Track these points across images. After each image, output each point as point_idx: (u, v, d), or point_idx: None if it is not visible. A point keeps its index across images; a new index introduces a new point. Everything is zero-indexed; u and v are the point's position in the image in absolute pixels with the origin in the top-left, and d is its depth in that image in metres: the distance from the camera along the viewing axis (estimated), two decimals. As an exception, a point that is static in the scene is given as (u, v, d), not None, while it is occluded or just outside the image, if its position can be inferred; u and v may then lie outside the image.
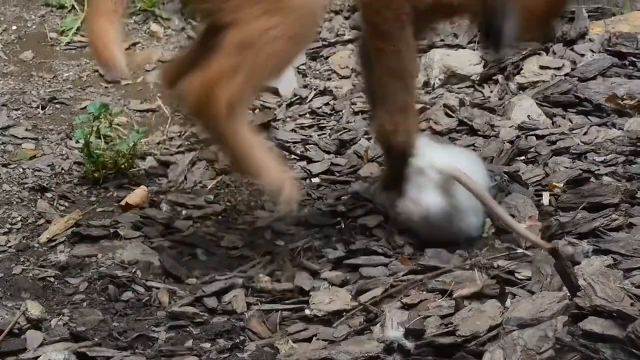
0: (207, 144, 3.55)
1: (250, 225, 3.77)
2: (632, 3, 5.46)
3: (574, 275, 3.00)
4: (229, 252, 3.62)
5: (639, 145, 4.05)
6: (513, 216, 3.56)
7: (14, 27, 5.36)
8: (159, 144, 4.43)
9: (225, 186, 4.06)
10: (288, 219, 3.64)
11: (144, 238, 3.68)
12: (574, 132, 4.24)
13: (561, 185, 3.84)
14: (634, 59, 4.83)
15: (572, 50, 4.98)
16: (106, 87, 4.90)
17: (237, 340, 3.15)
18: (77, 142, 4.16)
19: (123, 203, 3.90)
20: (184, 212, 3.88)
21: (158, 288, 3.43)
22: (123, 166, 4.09)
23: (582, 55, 4.90)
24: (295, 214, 3.46)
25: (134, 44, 5.28)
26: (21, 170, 4.16)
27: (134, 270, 3.49)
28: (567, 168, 3.97)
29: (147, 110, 4.71)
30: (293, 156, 4.30)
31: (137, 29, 5.44)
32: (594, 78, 4.67)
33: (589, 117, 4.37)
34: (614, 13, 5.32)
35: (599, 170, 3.94)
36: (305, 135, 4.46)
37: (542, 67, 4.80)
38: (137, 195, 3.93)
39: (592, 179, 3.86)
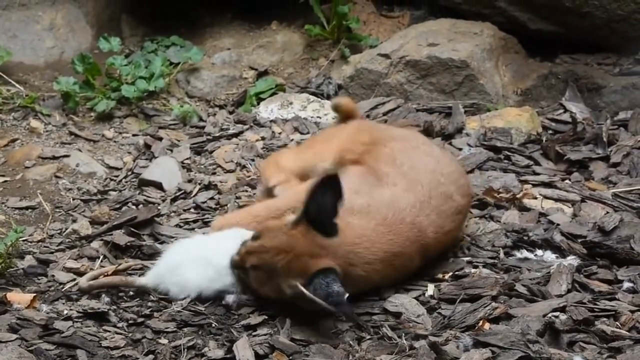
0: None
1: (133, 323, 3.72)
2: (504, 99, 5.68)
3: (454, 369, 3.05)
4: (110, 352, 3.53)
5: (515, 237, 4.18)
6: (400, 313, 3.64)
7: None
8: (38, 241, 4.33)
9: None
10: None
11: (20, 340, 3.56)
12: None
13: (447, 276, 3.92)
14: (508, 153, 5.01)
15: (450, 144, 5.14)
16: (-18, 184, 4.82)
17: None
18: (-49, 242, 4.05)
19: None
20: (65, 312, 3.78)
21: (35, 393, 3.32)
22: (0, 266, 3.98)
23: (460, 149, 5.06)
24: None
25: (13, 140, 5.20)
26: None
27: (9, 375, 3.38)
28: (451, 260, 4.05)
29: (27, 208, 4.62)
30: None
31: (16, 125, 5.37)
32: (472, 171, 4.82)
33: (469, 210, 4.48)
34: (489, 108, 5.52)
35: (478, 262, 4.03)
36: (190, 230, 4.42)
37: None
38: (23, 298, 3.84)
39: (473, 271, 3.95)
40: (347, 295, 3.46)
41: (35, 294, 3.86)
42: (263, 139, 5.31)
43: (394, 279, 3.81)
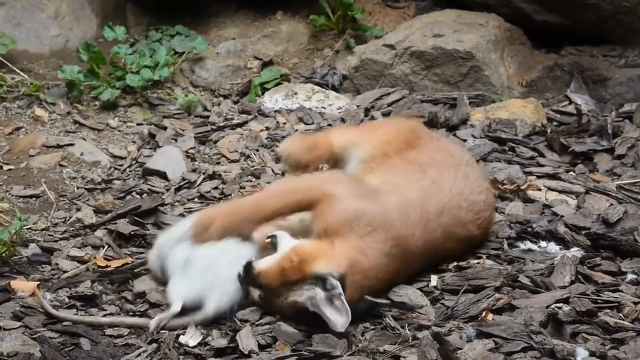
0: None
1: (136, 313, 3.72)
2: (509, 90, 5.67)
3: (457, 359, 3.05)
4: (114, 341, 3.54)
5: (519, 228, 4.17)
6: (403, 303, 3.64)
7: None
8: (42, 230, 4.34)
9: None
10: None
11: (24, 328, 3.57)
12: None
13: (451, 266, 3.92)
14: (513, 144, 5.00)
15: (455, 135, 5.14)
16: (-13, 173, 4.83)
17: None
18: (-45, 229, 4.05)
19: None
20: (67, 300, 3.79)
21: (38, 380, 3.33)
22: (4, 254, 3.99)
23: (464, 140, 5.06)
24: None
25: (17, 129, 5.20)
26: None
27: (13, 362, 3.39)
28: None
29: (31, 196, 4.62)
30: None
31: (20, 113, 5.37)
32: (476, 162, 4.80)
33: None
34: (493, 100, 5.51)
35: (481, 253, 4.03)
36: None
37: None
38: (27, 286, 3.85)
39: (476, 262, 3.95)
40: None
41: (39, 282, 3.87)
42: (267, 129, 5.30)
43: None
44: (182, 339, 3.46)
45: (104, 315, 3.67)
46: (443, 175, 3.95)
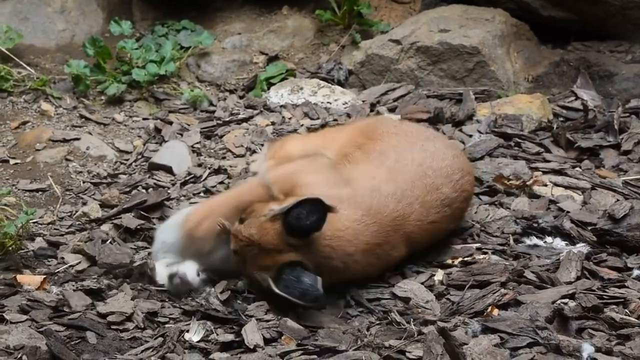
0: None
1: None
2: (516, 86, 5.66)
3: (462, 355, 3.05)
4: (120, 334, 3.55)
5: (525, 224, 4.17)
6: (409, 299, 3.64)
7: None
8: (49, 224, 4.35)
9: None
10: None
11: (30, 321, 3.58)
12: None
13: (456, 262, 3.92)
14: (519, 140, 5.00)
15: (461, 130, 5.13)
16: (-7, 167, 4.84)
17: None
18: (-39, 224, 4.06)
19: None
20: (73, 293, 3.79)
21: (44, 374, 3.33)
22: (10, 248, 4.00)
23: (470, 136, 5.05)
24: None
25: (24, 123, 5.21)
26: None
27: (19, 356, 3.38)
28: (460, 246, 4.06)
29: (37, 190, 4.63)
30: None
31: (27, 108, 5.38)
32: (482, 158, 4.82)
33: (479, 197, 4.47)
34: (499, 95, 5.50)
35: (487, 248, 4.03)
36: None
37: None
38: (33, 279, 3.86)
39: (482, 257, 3.95)
40: (320, 282, 3.50)
41: (45, 276, 3.88)
42: (273, 124, 5.31)
43: (379, 267, 3.80)
44: (187, 336, 3.47)
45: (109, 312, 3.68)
46: (402, 154, 4.01)
